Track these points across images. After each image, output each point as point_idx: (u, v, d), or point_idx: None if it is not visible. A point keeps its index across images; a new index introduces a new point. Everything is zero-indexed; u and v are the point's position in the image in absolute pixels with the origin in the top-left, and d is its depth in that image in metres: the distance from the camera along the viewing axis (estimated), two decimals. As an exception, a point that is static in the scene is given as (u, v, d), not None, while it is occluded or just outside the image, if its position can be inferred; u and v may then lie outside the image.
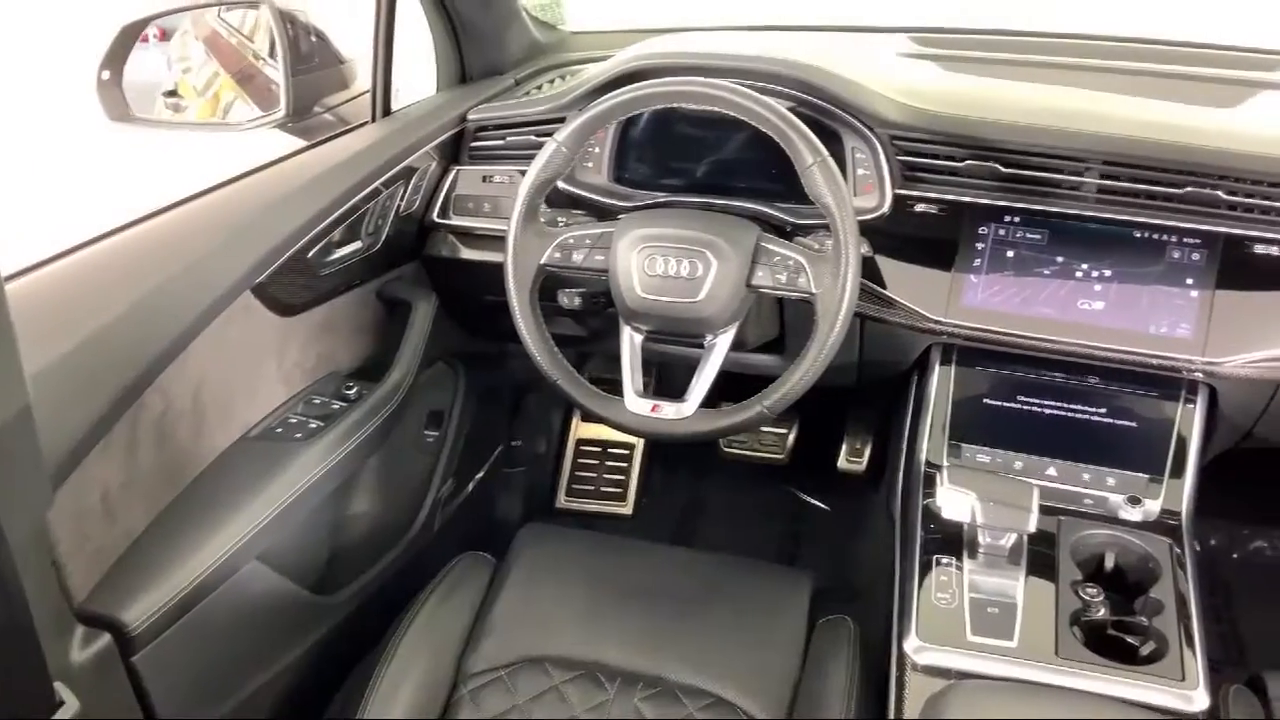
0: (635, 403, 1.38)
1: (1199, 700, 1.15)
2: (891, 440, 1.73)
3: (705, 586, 1.49)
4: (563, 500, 2.35)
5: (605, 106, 1.36)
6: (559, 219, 1.55)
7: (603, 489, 2.36)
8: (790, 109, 1.46)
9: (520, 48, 1.88)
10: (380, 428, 1.52)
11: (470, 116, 1.69)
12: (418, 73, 1.81)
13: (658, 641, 1.38)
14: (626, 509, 2.33)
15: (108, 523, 1.17)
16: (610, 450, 2.38)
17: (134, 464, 1.20)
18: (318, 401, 1.49)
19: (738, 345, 1.47)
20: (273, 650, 1.44)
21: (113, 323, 1.14)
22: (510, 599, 1.45)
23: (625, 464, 2.37)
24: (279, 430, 1.43)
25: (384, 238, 1.60)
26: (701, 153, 1.61)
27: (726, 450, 2.32)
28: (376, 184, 1.54)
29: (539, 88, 1.79)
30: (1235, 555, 2.18)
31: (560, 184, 1.59)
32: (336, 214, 1.47)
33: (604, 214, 1.58)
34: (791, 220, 1.52)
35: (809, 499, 2.34)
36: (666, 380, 2.14)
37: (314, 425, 1.44)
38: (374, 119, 1.67)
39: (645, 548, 1.63)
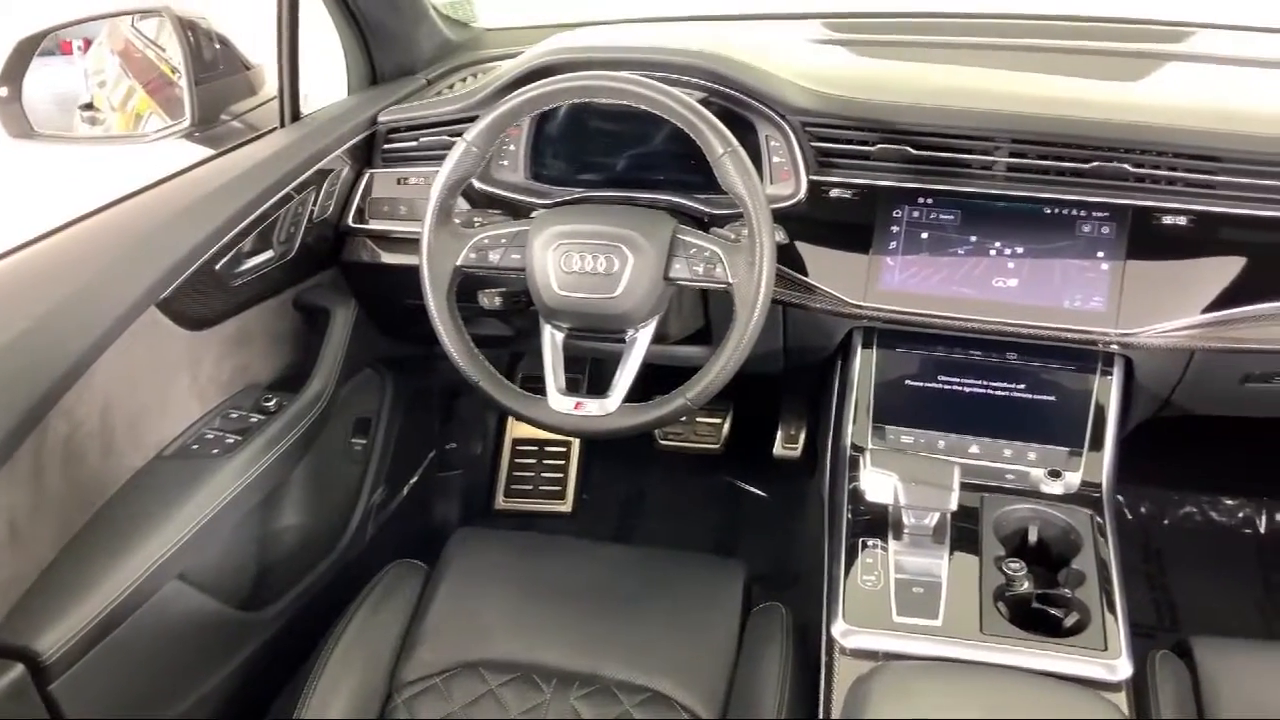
0: (559, 401, 1.37)
1: (1122, 669, 1.17)
2: (820, 425, 1.74)
3: (640, 581, 1.48)
4: (501, 501, 2.33)
5: (513, 104, 1.35)
6: (475, 219, 1.53)
7: (541, 488, 2.35)
8: (701, 100, 1.47)
9: (431, 47, 1.85)
10: (302, 438, 1.49)
11: (381, 118, 1.67)
12: (336, 75, 1.79)
13: (593, 640, 1.38)
14: (566, 507, 2.32)
15: (16, 551, 1.14)
16: (547, 449, 2.37)
17: (41, 490, 1.17)
18: (235, 415, 1.46)
19: (661, 338, 1.47)
20: (201, 671, 1.41)
21: (7, 347, 1.11)
22: (443, 605, 1.43)
23: (563, 462, 2.36)
24: (195, 447, 1.40)
25: (297, 245, 1.57)
26: (619, 147, 1.60)
27: (662, 443, 2.32)
28: (286, 190, 1.51)
29: (451, 87, 1.77)
30: (1166, 522, 2.22)
31: (477, 183, 1.58)
32: (245, 223, 1.44)
33: (522, 212, 1.57)
34: (709, 211, 1.51)
35: (746, 486, 2.34)
36: (602, 375, 2.14)
37: (231, 440, 1.41)
38: (282, 124, 1.64)
39: (579, 546, 1.63)
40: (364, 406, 1.83)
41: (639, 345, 1.38)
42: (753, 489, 2.34)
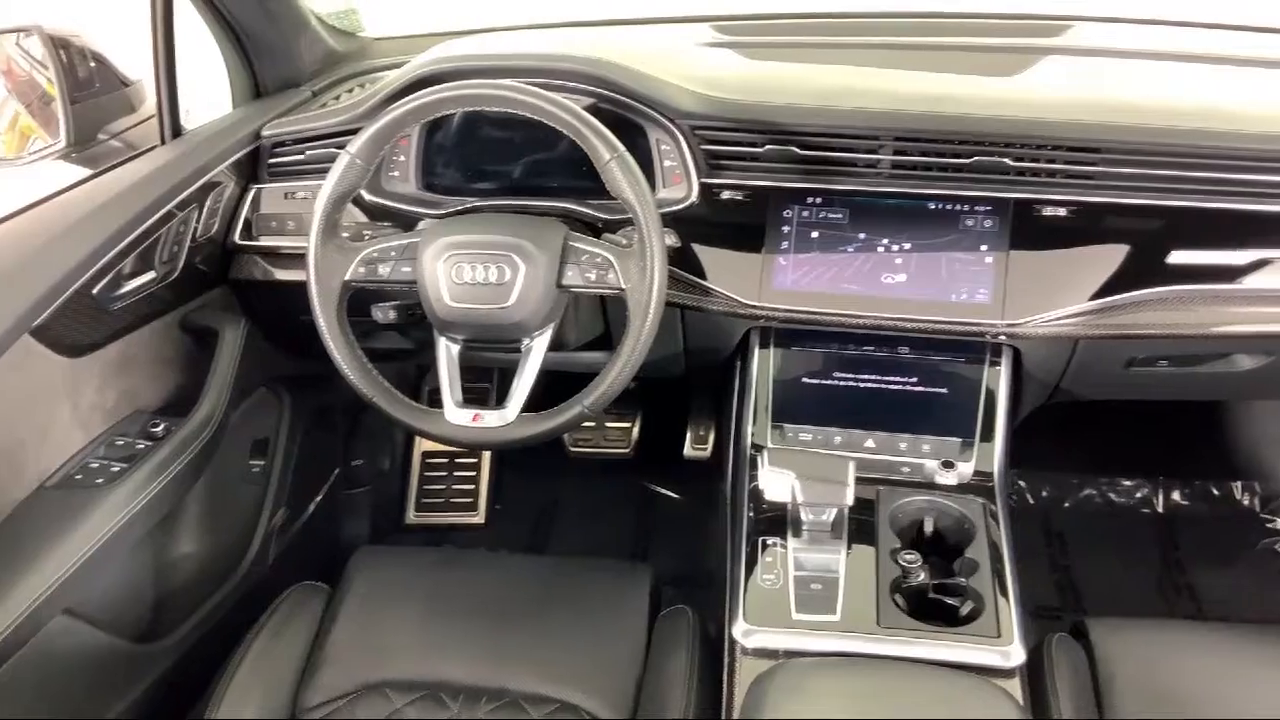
0: (455, 414, 1.36)
1: (1015, 655, 1.19)
2: (723, 425, 1.75)
3: (547, 591, 1.48)
4: (412, 516, 2.31)
5: (395, 115, 1.33)
6: (365, 232, 1.51)
7: (453, 500, 2.33)
8: (590, 106, 1.47)
9: (315, 57, 1.82)
10: (193, 463, 1.46)
11: (265, 132, 1.63)
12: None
13: (500, 653, 1.37)
14: (479, 518, 2.31)
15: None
16: (458, 461, 2.35)
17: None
18: (120, 443, 1.42)
19: (559, 345, 1.46)
20: (95, 706, 1.37)
21: None
22: (345, 627, 1.41)
23: (474, 473, 2.35)
24: (79, 477, 1.36)
25: (181, 265, 1.53)
26: (512, 154, 1.59)
27: (573, 449, 2.32)
28: (167, 208, 1.48)
29: (338, 98, 1.74)
30: (1067, 504, 2.28)
31: (367, 195, 1.56)
32: (123, 244, 1.40)
33: (415, 224, 1.55)
34: (603, 216, 1.51)
35: (659, 489, 2.35)
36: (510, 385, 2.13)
37: (117, 468, 1.37)
38: (162, 141, 1.60)
39: (485, 559, 1.61)
40: (261, 427, 1.79)
41: (535, 354, 1.37)
42: (665, 491, 2.35)
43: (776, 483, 1.30)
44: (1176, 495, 2.27)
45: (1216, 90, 1.61)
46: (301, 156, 1.62)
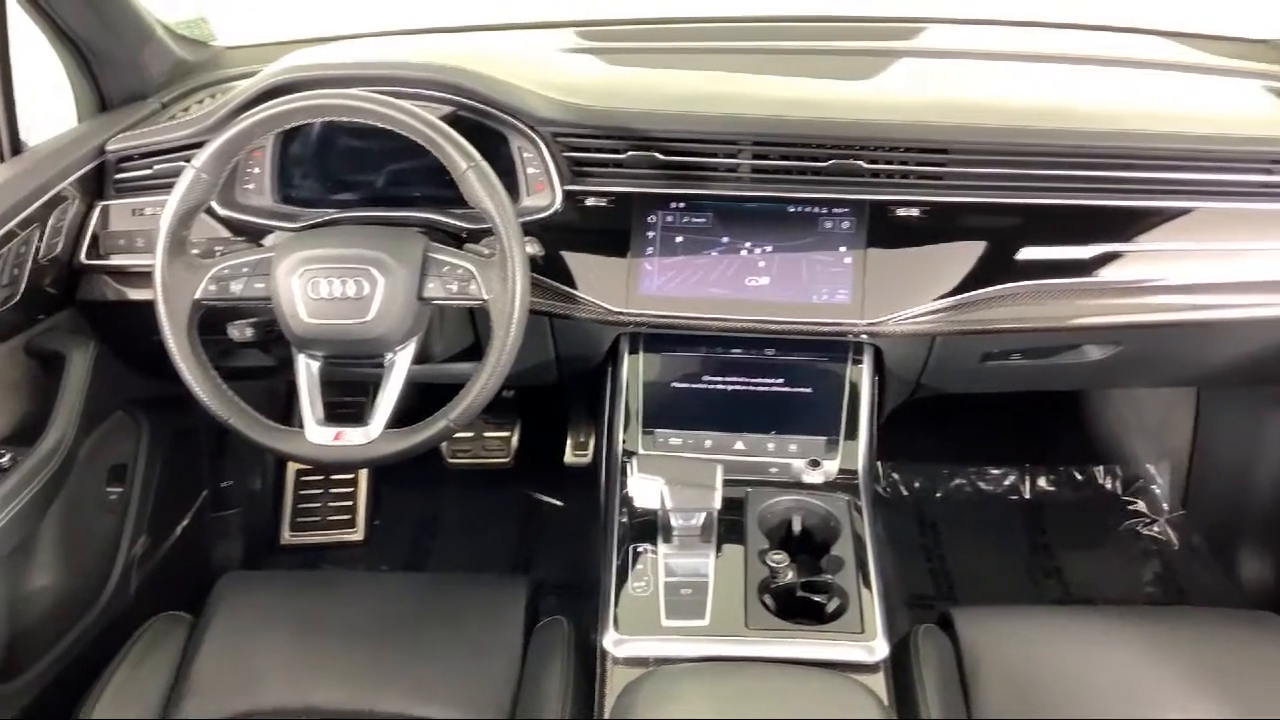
0: (316, 433, 1.32)
1: (879, 649, 1.21)
2: (602, 431, 1.75)
3: (420, 609, 1.45)
4: (287, 536, 2.25)
5: (242, 128, 1.29)
6: (216, 248, 1.46)
7: (330, 518, 2.28)
8: (448, 114, 1.45)
9: (163, 69, 1.76)
10: (42, 494, 1.39)
11: (110, 147, 1.57)
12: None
13: (372, 675, 1.34)
14: (357, 535, 2.26)
15: None
16: (334, 477, 2.30)
17: None
18: None
19: (425, 358, 1.44)
20: None
21: None
22: (210, 656, 1.36)
23: (351, 489, 2.30)
24: None
25: (24, 287, 1.46)
26: (372, 164, 1.56)
27: (452, 461, 2.29)
28: (7, 228, 1.41)
29: (187, 110, 1.68)
30: (939, 495, 2.34)
31: (220, 209, 1.51)
32: None
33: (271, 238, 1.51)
34: (466, 226, 1.49)
35: (541, 497, 2.34)
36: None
37: None
38: (1, 158, 1.52)
39: (358, 578, 1.59)
40: (118, 452, 1.72)
41: (398, 369, 1.35)
42: (548, 499, 2.33)
43: (645, 489, 1.30)
44: (1043, 482, 2.35)
45: (1061, 89, 1.67)
46: (149, 171, 1.57)
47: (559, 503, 2.33)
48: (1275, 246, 1.47)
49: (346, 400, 2.02)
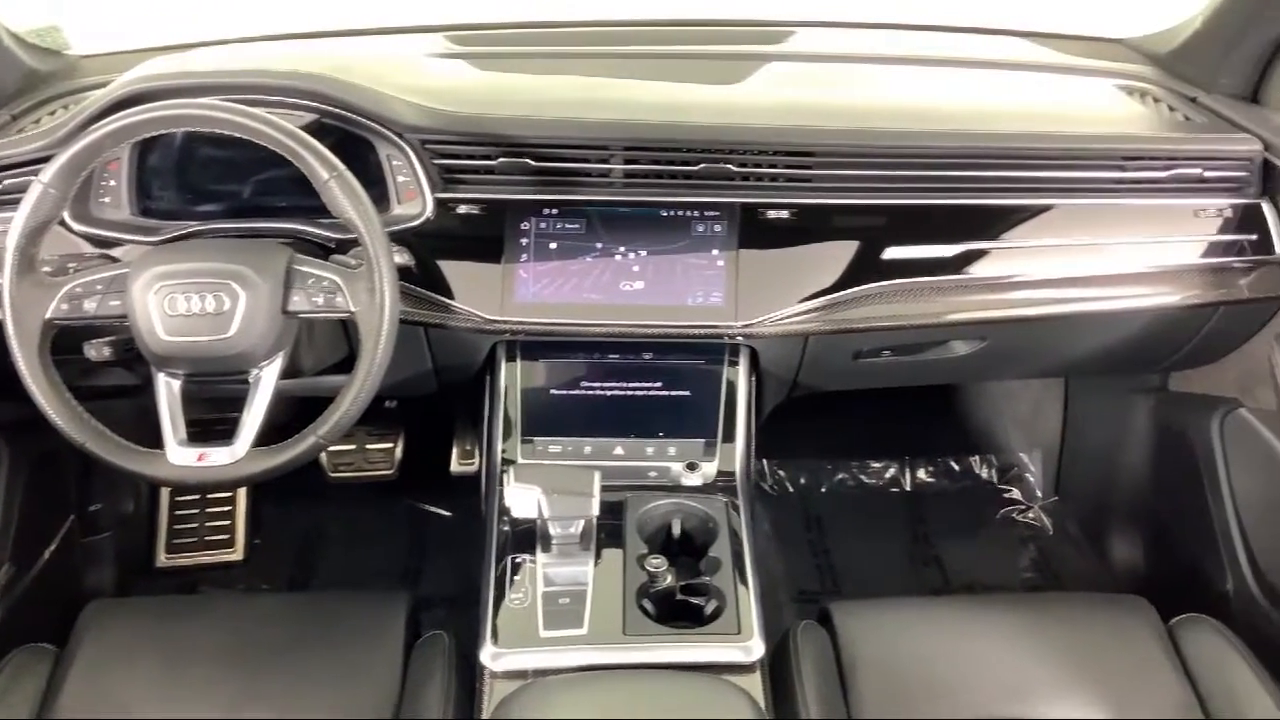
0: (178, 454, 1.28)
1: (755, 649, 1.22)
2: (480, 440, 1.73)
3: (299, 629, 1.42)
4: (163, 559, 2.18)
5: (90, 140, 1.24)
6: (69, 265, 1.40)
7: (207, 538, 2.20)
8: (311, 122, 1.42)
9: (13, 79, 1.68)
10: None
11: None
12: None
13: (244, 702, 1.30)
14: (237, 555, 2.20)
15: None
16: (210, 495, 2.22)
17: None
18: None
19: (295, 372, 1.41)
20: None
21: None
22: (75, 689, 1.31)
23: (229, 508, 2.23)
24: None
25: None
26: (236, 174, 1.52)
27: (333, 474, 2.24)
28: None
29: (38, 122, 1.61)
30: (823, 490, 2.38)
31: (75, 224, 1.45)
32: None
33: (131, 253, 1.45)
34: (335, 236, 1.46)
35: (429, 508, 2.30)
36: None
37: None
38: None
39: (233, 601, 1.54)
40: None
41: (265, 385, 1.31)
42: (435, 510, 2.30)
43: (523, 499, 1.29)
44: (922, 473, 2.41)
45: (924, 91, 1.71)
46: None
47: (447, 513, 2.30)
48: (1131, 241, 1.53)
49: (229, 417, 1.97)
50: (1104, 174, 1.51)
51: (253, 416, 1.30)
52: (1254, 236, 1.54)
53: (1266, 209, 1.54)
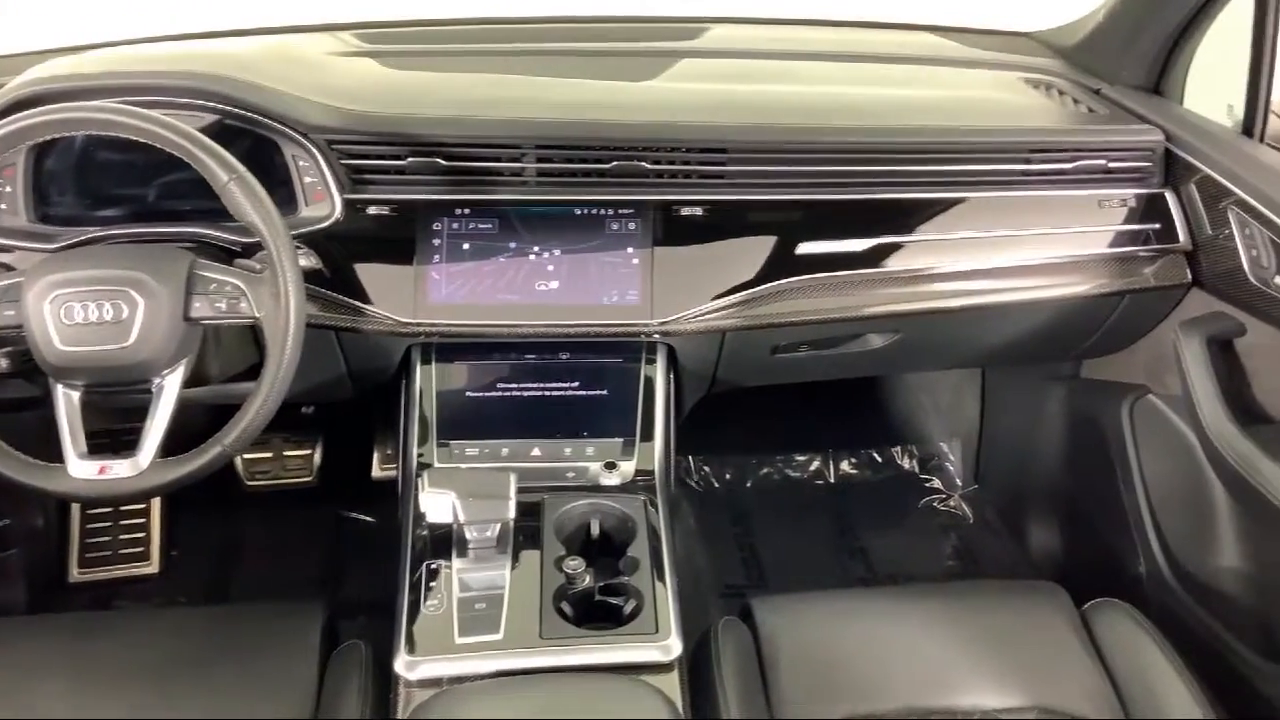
0: (79, 467, 1.24)
1: (674, 648, 1.21)
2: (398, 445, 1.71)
3: (211, 644, 1.38)
4: (76, 574, 2.11)
5: None
6: None
7: (122, 551, 2.14)
8: (213, 124, 1.39)
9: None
10: None
11: None
12: None
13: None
14: (152, 568, 2.14)
15: None
16: (123, 507, 2.16)
17: None
18: None
19: (202, 380, 1.37)
20: None
21: None
22: None
23: (143, 519, 2.17)
24: None
25: None
26: (138, 178, 1.47)
27: (250, 483, 2.20)
28: None
29: (-70, 126, 1.55)
30: (749, 484, 2.39)
31: None
32: None
33: (28, 261, 1.40)
34: (240, 240, 1.43)
35: (350, 514, 2.26)
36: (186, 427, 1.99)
37: None
38: None
39: (143, 616, 1.50)
40: None
41: (167, 394, 1.27)
42: (357, 516, 2.26)
43: (437, 504, 1.27)
44: (845, 465, 2.43)
45: (835, 86, 1.72)
46: None
47: (369, 519, 2.26)
48: (1039, 232, 1.55)
49: (138, 427, 1.91)
50: (1010, 167, 1.53)
51: (155, 427, 1.26)
52: (1158, 226, 1.57)
53: (1169, 198, 1.58)
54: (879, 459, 2.44)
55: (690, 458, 2.40)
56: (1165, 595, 1.67)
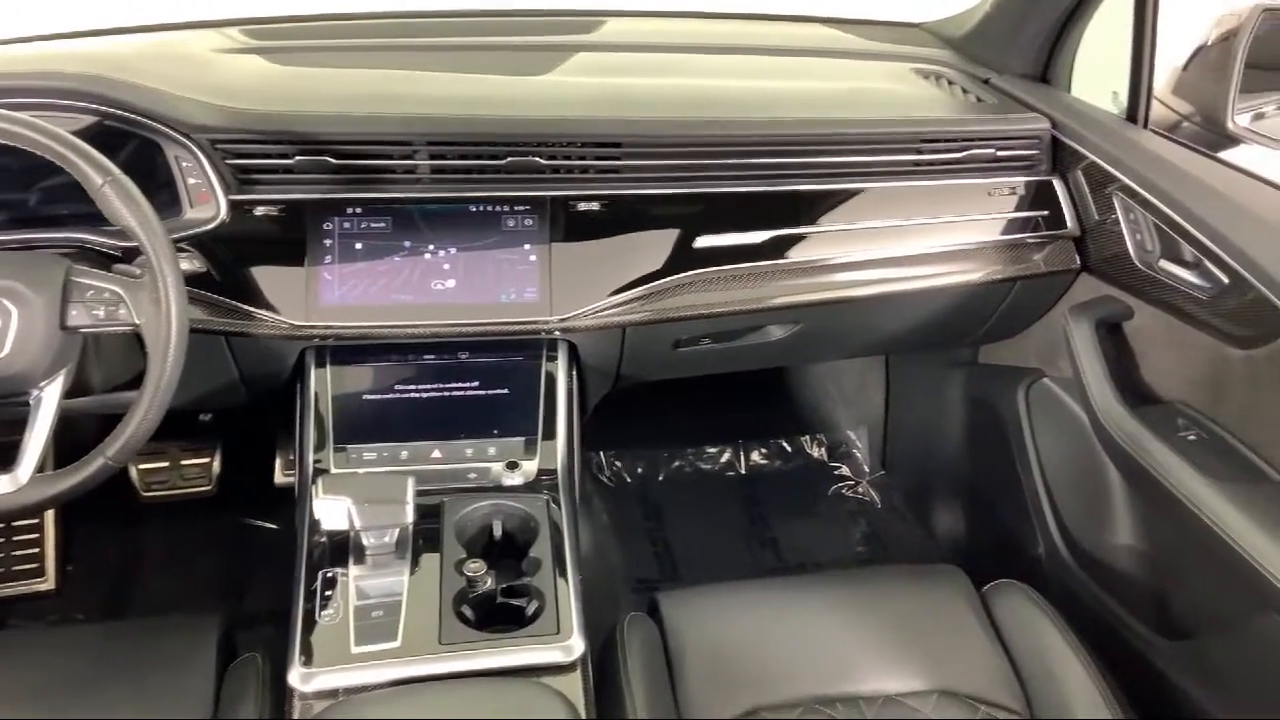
0: None
1: (575, 647, 1.20)
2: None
3: (103, 662, 1.33)
4: (-36, 593, 2.03)
5: None
6: None
7: (14, 568, 2.06)
8: (91, 125, 1.35)
9: None
10: None
11: None
12: None
13: None
14: (47, 584, 2.06)
15: None
16: (14, 521, 2.08)
17: None
18: None
19: (84, 390, 1.32)
20: None
21: None
22: None
23: (36, 535, 2.09)
24: None
25: None
26: (11, 182, 1.41)
27: (147, 494, 2.13)
28: None
29: None
30: (661, 478, 2.39)
31: None
32: None
33: None
34: (120, 244, 1.38)
35: (254, 522, 2.21)
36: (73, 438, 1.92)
37: None
38: None
39: (31, 635, 1.45)
40: None
41: (46, 406, 1.22)
42: (261, 523, 2.21)
43: (332, 511, 1.24)
44: (756, 456, 2.44)
45: (729, 79, 1.72)
46: None
47: (273, 526, 2.21)
48: (932, 221, 1.57)
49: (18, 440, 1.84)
50: (902, 157, 1.55)
51: (35, 440, 1.21)
52: (1046, 213, 1.61)
53: (1057, 185, 1.61)
54: (789, 448, 2.46)
55: (601, 453, 2.40)
56: (1063, 574, 1.71)
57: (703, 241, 1.49)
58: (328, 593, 1.26)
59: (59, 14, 1.84)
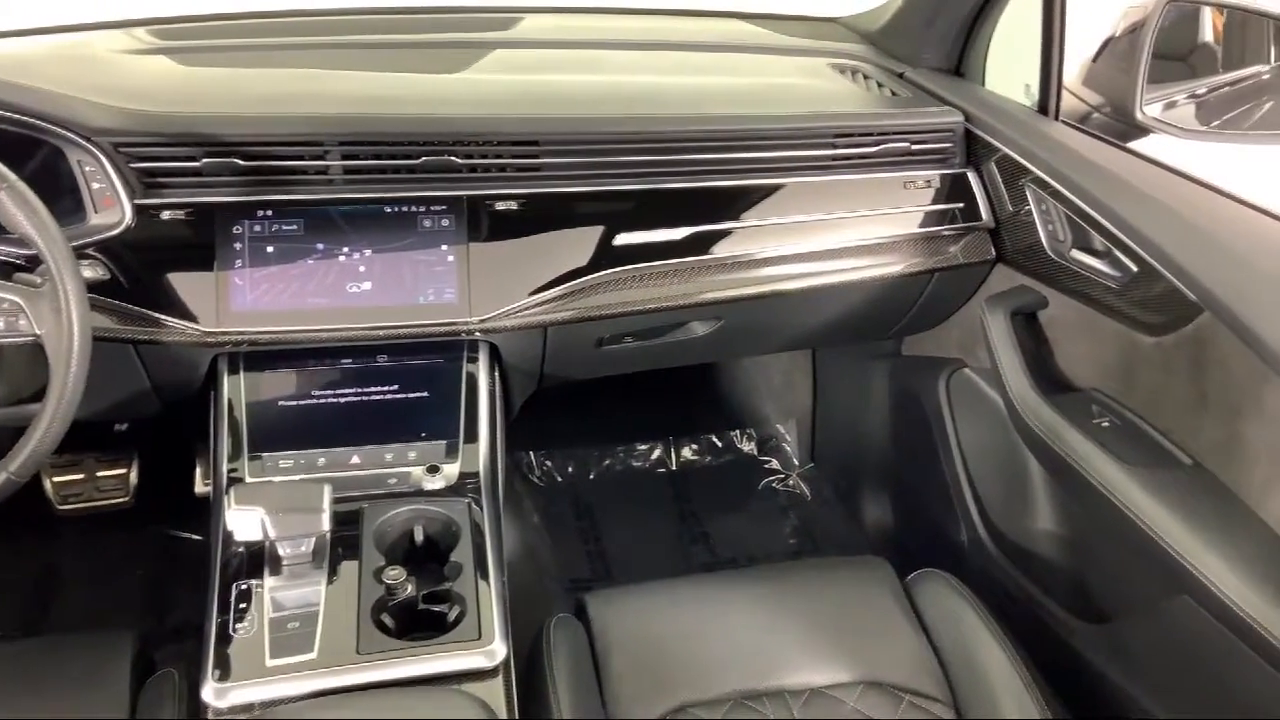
0: None
1: (497, 652, 1.18)
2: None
3: (14, 682, 1.29)
4: (-126, 614, 1.96)
5: None
6: None
7: (-76, 586, 2.00)
8: (-16, 130, 1.30)
9: None
10: None
11: None
12: None
13: None
14: (-39, 602, 2.00)
15: None
16: (-76, 541, 2.02)
17: None
18: None
19: None
20: None
21: None
22: None
23: (-54, 552, 2.03)
24: None
25: None
26: None
27: (62, 507, 2.07)
28: None
29: None
30: (592, 477, 2.38)
31: None
32: None
33: None
34: (20, 253, 1.33)
35: (175, 533, 2.16)
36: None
37: None
38: None
39: None
40: None
41: None
42: (182, 535, 2.16)
43: (244, 521, 1.21)
44: (686, 452, 2.44)
45: (647, 75, 1.72)
46: None
47: (196, 537, 2.16)
48: (850, 215, 1.58)
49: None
50: (818, 152, 1.56)
51: None
52: (962, 205, 1.63)
53: (971, 178, 1.63)
54: (719, 443, 2.46)
55: (531, 453, 2.38)
56: (986, 561, 1.73)
57: (623, 239, 1.48)
58: (242, 605, 1.23)
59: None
